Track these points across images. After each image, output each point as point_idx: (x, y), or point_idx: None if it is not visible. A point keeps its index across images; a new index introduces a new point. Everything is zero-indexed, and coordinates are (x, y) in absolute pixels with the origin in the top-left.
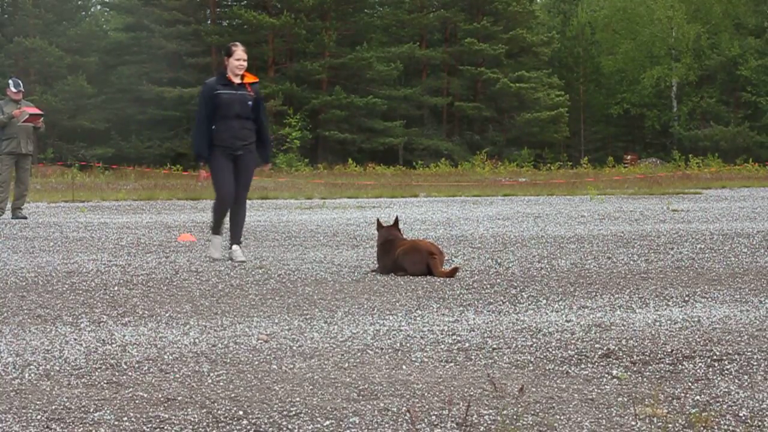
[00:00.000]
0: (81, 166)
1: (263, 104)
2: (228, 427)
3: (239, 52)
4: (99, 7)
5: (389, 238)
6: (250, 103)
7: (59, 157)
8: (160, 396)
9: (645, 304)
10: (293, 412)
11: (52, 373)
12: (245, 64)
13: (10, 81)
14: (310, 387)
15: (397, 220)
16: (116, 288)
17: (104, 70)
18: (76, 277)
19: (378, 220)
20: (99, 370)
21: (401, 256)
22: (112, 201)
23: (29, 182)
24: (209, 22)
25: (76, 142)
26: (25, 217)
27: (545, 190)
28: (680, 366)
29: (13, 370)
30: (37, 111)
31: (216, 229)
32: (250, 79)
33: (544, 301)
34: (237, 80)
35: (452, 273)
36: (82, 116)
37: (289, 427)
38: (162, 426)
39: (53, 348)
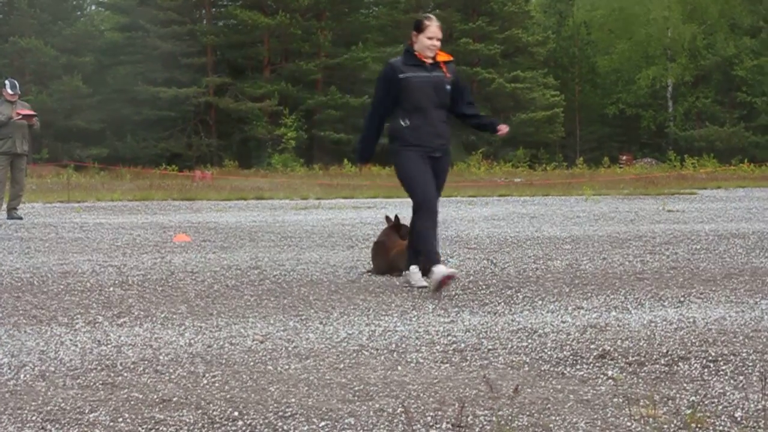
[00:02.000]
0: (76, 166)
1: (467, 86)
2: (223, 428)
3: (433, 28)
4: (94, 7)
5: (382, 238)
6: (448, 87)
7: (54, 157)
8: (155, 397)
9: (640, 304)
10: (288, 413)
11: (47, 374)
12: (439, 43)
13: (6, 82)
14: (306, 388)
15: (397, 219)
16: (112, 289)
17: (99, 70)
18: (72, 277)
19: (387, 216)
20: (94, 371)
21: (396, 257)
22: (108, 201)
23: (24, 182)
24: (205, 22)
25: (71, 142)
26: (21, 218)
27: (541, 191)
28: (676, 367)
29: (9, 371)
30: (31, 112)
31: (434, 253)
32: (443, 57)
33: (540, 302)
34: (429, 60)
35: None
36: (77, 116)
37: (285, 428)
38: (157, 427)
39: (48, 349)
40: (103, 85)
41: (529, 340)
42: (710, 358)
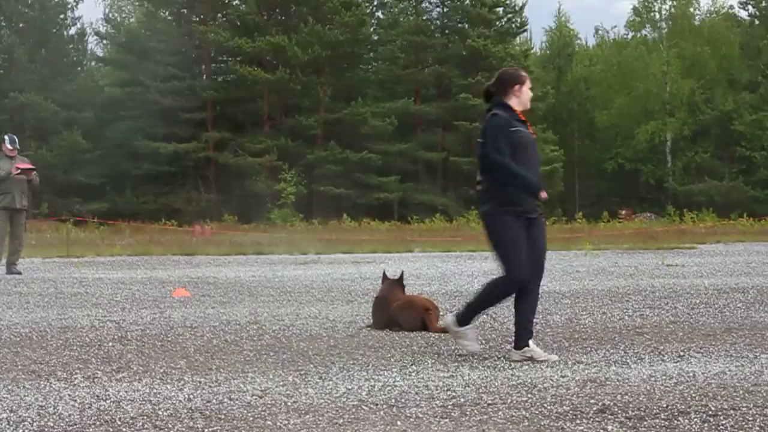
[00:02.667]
0: (76, 221)
1: None
2: None
3: (529, 80)
4: (94, 62)
5: (385, 293)
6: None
7: (54, 212)
8: None
9: (640, 359)
10: None
11: (46, 430)
12: None
13: (6, 137)
14: None
15: (402, 276)
16: (111, 344)
17: (99, 125)
18: (71, 332)
19: (384, 272)
20: (93, 426)
21: (396, 312)
22: (107, 256)
23: (23, 237)
24: (204, 77)
25: (70, 196)
26: (20, 273)
27: None
28: (676, 421)
29: (7, 427)
30: (29, 167)
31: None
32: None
33: None
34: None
35: (447, 329)
36: (77, 171)
37: None
38: None
39: (47, 404)
40: (102, 140)
41: (529, 395)
42: (710, 412)
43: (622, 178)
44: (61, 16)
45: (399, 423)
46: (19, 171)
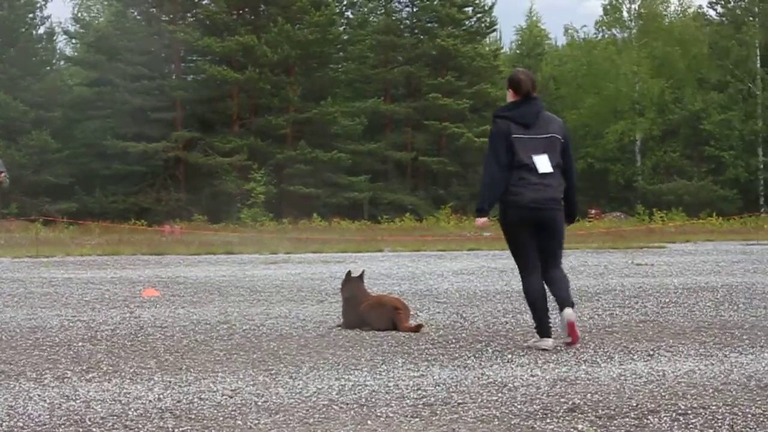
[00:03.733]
0: (45, 221)
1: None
2: None
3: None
4: (63, 62)
5: (354, 293)
6: None
7: (23, 212)
8: None
9: (610, 358)
10: None
11: (15, 430)
12: None
13: None
14: None
15: (362, 274)
16: (80, 344)
17: (68, 124)
18: (40, 332)
19: (349, 272)
20: (63, 427)
21: (366, 311)
22: (77, 256)
23: None
24: (174, 77)
25: (40, 196)
26: None
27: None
28: (645, 420)
29: None
30: None
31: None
32: None
33: (510, 356)
34: None
35: (417, 328)
36: (46, 171)
37: None
38: None
39: (17, 404)
40: (72, 140)
41: (499, 394)
42: (680, 411)
43: (592, 177)
44: (30, 16)
45: (369, 422)
46: None
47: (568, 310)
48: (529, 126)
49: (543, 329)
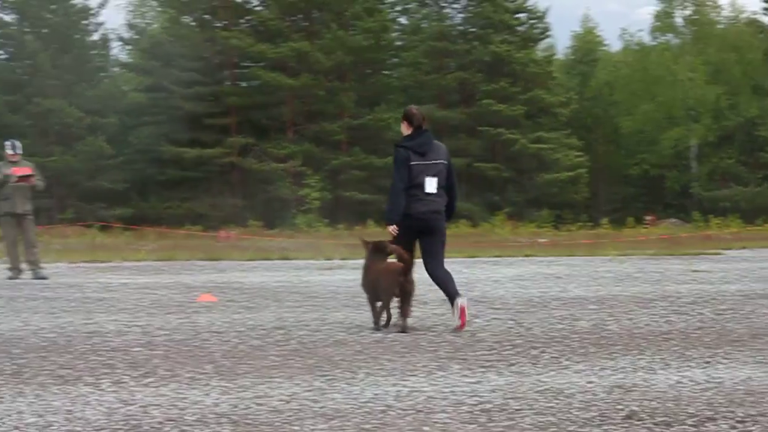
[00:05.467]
0: (101, 226)
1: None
2: None
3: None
4: (118, 68)
5: (367, 262)
6: None
7: (79, 217)
8: None
9: (667, 365)
10: None
11: None
12: None
13: (8, 143)
14: None
15: (382, 244)
16: (137, 349)
17: (123, 130)
18: (97, 337)
19: (365, 240)
20: (120, 431)
21: (376, 279)
22: (133, 261)
23: (35, 240)
24: (228, 83)
25: (95, 202)
26: (46, 278)
27: (565, 251)
28: (703, 428)
29: (35, 431)
30: (27, 172)
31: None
32: None
33: (566, 362)
34: None
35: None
36: (101, 176)
37: None
38: None
39: (75, 408)
40: (126, 146)
41: (556, 401)
42: (738, 419)
43: (647, 183)
44: (84, 22)
45: (426, 428)
46: (17, 178)
47: (460, 299)
48: (424, 154)
49: (451, 296)
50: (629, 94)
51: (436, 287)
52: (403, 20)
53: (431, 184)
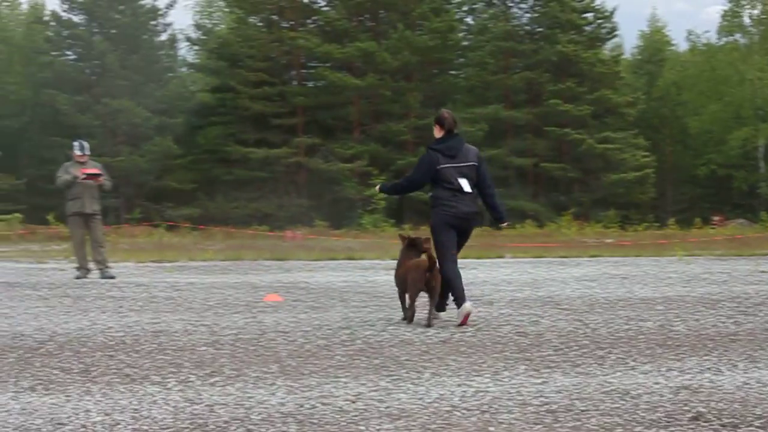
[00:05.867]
0: (168, 226)
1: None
2: None
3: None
4: (185, 69)
5: (399, 258)
6: None
7: (147, 217)
8: None
9: (734, 366)
10: None
11: None
12: None
13: (75, 143)
14: None
15: (416, 239)
16: (204, 348)
17: (191, 130)
18: (164, 336)
19: (400, 234)
20: (187, 430)
21: (404, 274)
22: (200, 261)
23: (103, 239)
24: (295, 83)
25: (162, 202)
26: (114, 277)
27: (632, 251)
28: None
29: (102, 430)
30: (95, 171)
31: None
32: None
33: (632, 363)
34: None
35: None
36: (168, 176)
37: None
38: None
39: (141, 408)
40: (194, 146)
41: (622, 402)
42: None
43: (715, 183)
44: (152, 23)
45: (491, 429)
46: (85, 176)
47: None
48: (453, 156)
49: (460, 299)
50: (697, 94)
51: (503, 288)
52: (469, 20)
53: (466, 185)
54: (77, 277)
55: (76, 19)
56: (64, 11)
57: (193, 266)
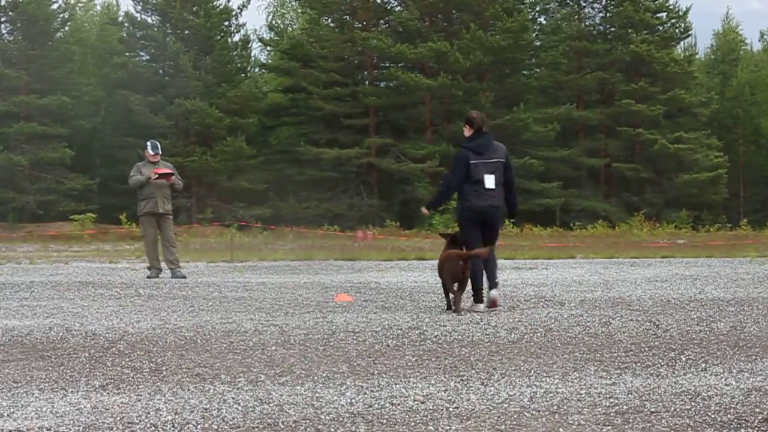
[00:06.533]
0: (240, 226)
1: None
2: None
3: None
4: (258, 69)
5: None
6: None
7: (218, 217)
8: None
9: None
10: None
11: None
12: None
13: (148, 143)
14: None
15: (454, 234)
16: (274, 348)
17: (263, 131)
18: (235, 336)
19: (441, 233)
20: (257, 430)
21: (440, 266)
22: (270, 261)
23: (174, 239)
24: (367, 83)
25: (234, 202)
26: (185, 277)
27: (704, 252)
28: None
29: (172, 429)
30: (168, 171)
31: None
32: None
33: (703, 365)
34: None
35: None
36: (240, 177)
37: None
38: None
39: (211, 407)
40: (266, 146)
41: (693, 403)
42: None
43: None
44: (226, 24)
45: (561, 430)
46: (157, 176)
47: (493, 291)
48: (482, 153)
49: (478, 296)
50: None
51: (573, 288)
52: (542, 20)
53: (490, 180)
54: (149, 277)
55: (149, 20)
56: (138, 12)
57: (263, 266)
